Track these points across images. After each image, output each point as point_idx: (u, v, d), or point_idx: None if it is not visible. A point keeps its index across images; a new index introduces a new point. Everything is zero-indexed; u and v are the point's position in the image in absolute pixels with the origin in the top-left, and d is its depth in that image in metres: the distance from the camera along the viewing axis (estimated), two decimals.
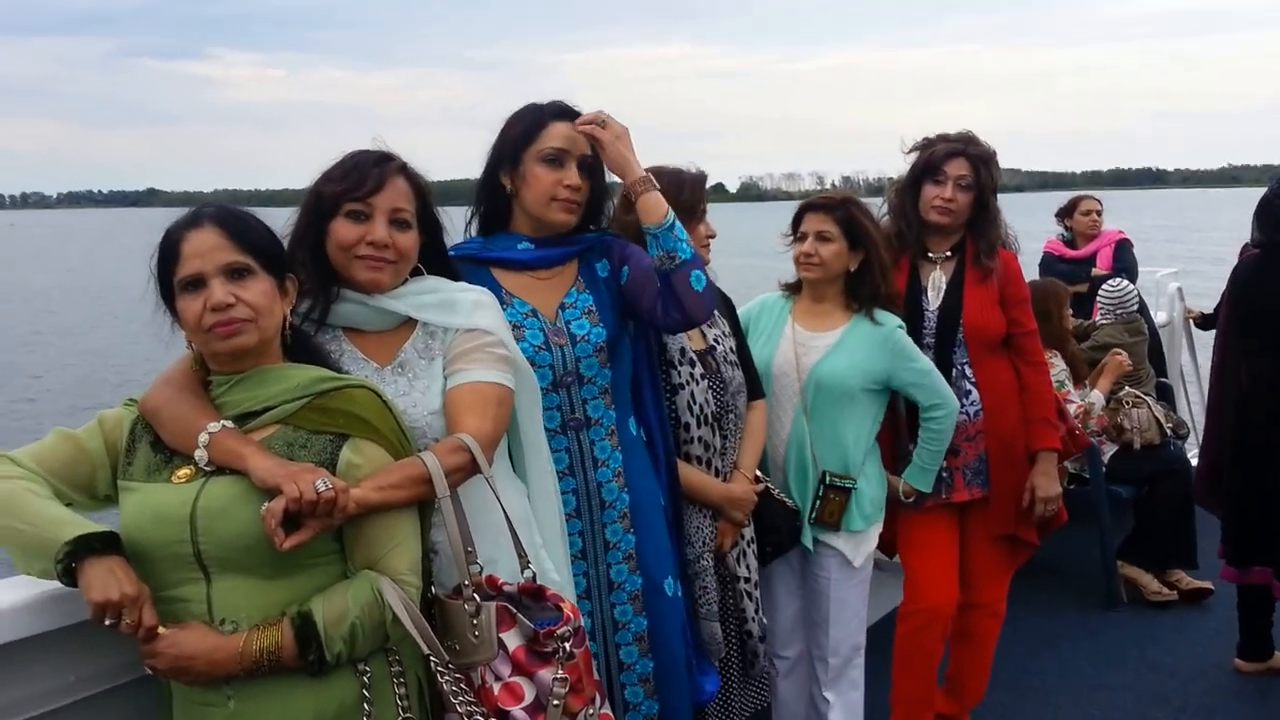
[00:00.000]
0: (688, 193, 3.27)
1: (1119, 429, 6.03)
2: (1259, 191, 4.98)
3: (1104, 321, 6.53)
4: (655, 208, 2.81)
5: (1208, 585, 5.82)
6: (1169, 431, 6.14)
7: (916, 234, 3.97)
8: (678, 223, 2.82)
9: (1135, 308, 6.58)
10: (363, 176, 2.45)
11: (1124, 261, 7.40)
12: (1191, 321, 8.07)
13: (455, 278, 2.64)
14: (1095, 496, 5.80)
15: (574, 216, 2.88)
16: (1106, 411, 5.94)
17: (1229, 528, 4.85)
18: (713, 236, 3.42)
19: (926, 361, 3.73)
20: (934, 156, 3.90)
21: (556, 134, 2.85)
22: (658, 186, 2.85)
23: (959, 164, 3.87)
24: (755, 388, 3.54)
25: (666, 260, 2.80)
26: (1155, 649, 5.28)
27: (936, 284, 3.95)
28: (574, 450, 2.89)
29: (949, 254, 3.97)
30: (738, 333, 3.55)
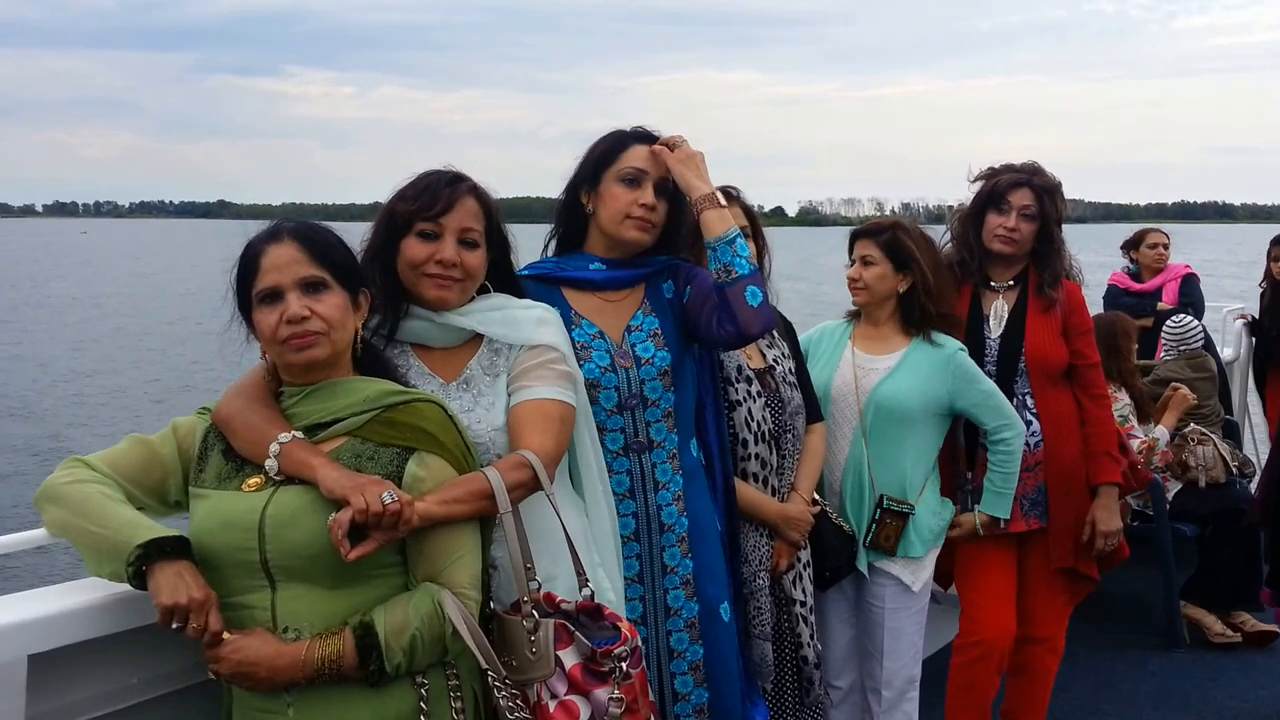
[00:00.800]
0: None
1: (1184, 466, 5.93)
2: None
3: (1167, 357, 6.45)
4: (717, 223, 2.83)
5: (1273, 628, 5.71)
6: (1234, 470, 6.03)
7: (979, 262, 3.95)
8: (740, 239, 2.84)
9: (1199, 343, 6.48)
10: (434, 197, 2.49)
11: (1190, 296, 7.31)
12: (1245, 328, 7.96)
13: (520, 295, 2.67)
14: (1159, 534, 5.70)
15: (648, 235, 2.90)
16: (1171, 448, 5.84)
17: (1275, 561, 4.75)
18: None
19: (990, 383, 3.70)
20: (998, 185, 3.89)
21: (636, 155, 2.89)
22: (723, 204, 2.87)
23: (1023, 194, 3.85)
24: (814, 411, 3.55)
25: (723, 273, 2.82)
26: (1218, 692, 5.17)
27: (999, 313, 3.93)
28: (635, 473, 2.90)
29: (1012, 283, 3.95)
30: (797, 355, 3.56)
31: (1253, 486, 6.42)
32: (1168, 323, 6.58)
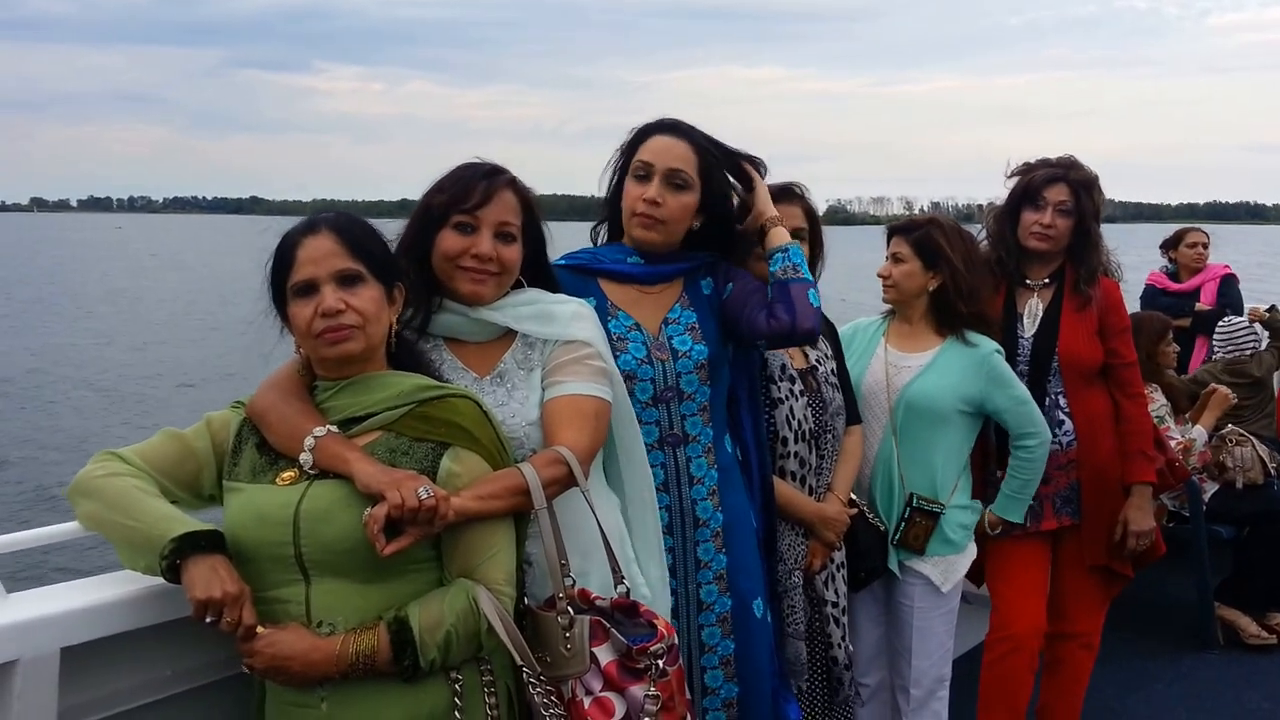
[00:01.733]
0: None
1: (1221, 467, 5.87)
2: None
3: (1216, 357, 6.40)
4: (784, 236, 2.92)
5: None
6: (1273, 471, 5.97)
7: (1015, 260, 3.90)
8: (797, 249, 2.92)
9: (1251, 347, 6.39)
10: (470, 189, 2.47)
11: (1229, 296, 7.23)
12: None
13: (555, 290, 2.66)
14: (1194, 535, 5.64)
15: (654, 234, 2.87)
16: (1209, 448, 5.78)
17: None
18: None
19: (1023, 389, 3.66)
20: (1033, 181, 3.84)
21: (648, 149, 2.88)
22: (782, 223, 2.98)
23: (1059, 189, 3.80)
24: (854, 412, 3.53)
25: (791, 271, 2.85)
26: (1253, 694, 5.12)
27: (1033, 311, 3.88)
28: (670, 467, 2.88)
29: (1047, 281, 3.91)
30: (839, 356, 3.54)
31: None
32: (1220, 324, 6.51)
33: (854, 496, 3.50)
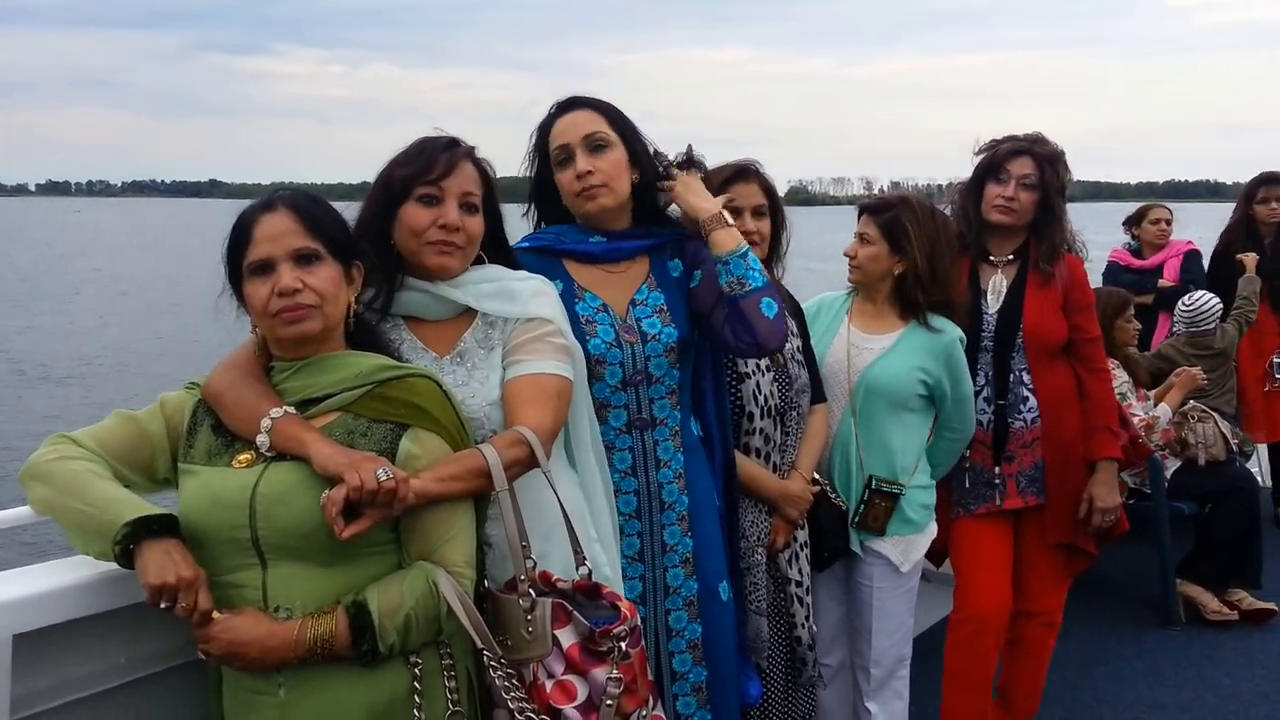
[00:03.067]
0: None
1: (1183, 444, 5.91)
2: None
3: (1178, 330, 6.44)
4: (726, 240, 2.81)
5: (1270, 606, 5.71)
6: (1235, 448, 6.02)
7: (977, 235, 3.88)
8: (751, 254, 2.82)
9: (1212, 324, 6.43)
10: (432, 160, 2.44)
11: (1192, 273, 7.25)
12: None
13: (515, 267, 2.63)
14: (1156, 512, 5.68)
15: (603, 201, 2.83)
16: (1171, 425, 5.82)
17: None
18: (747, 232, 3.23)
19: (969, 387, 3.65)
20: (997, 154, 3.81)
21: (556, 133, 2.85)
22: (729, 223, 2.84)
23: (1023, 162, 3.78)
24: (818, 390, 3.52)
25: (737, 285, 2.78)
26: (1214, 669, 5.17)
27: (997, 287, 3.87)
28: (638, 450, 2.85)
29: (1011, 257, 3.89)
30: (804, 334, 3.52)
31: (1251, 465, 6.45)
32: (1182, 300, 6.54)
33: (817, 475, 3.49)
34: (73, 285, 36.53)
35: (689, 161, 3.01)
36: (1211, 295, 6.48)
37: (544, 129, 2.88)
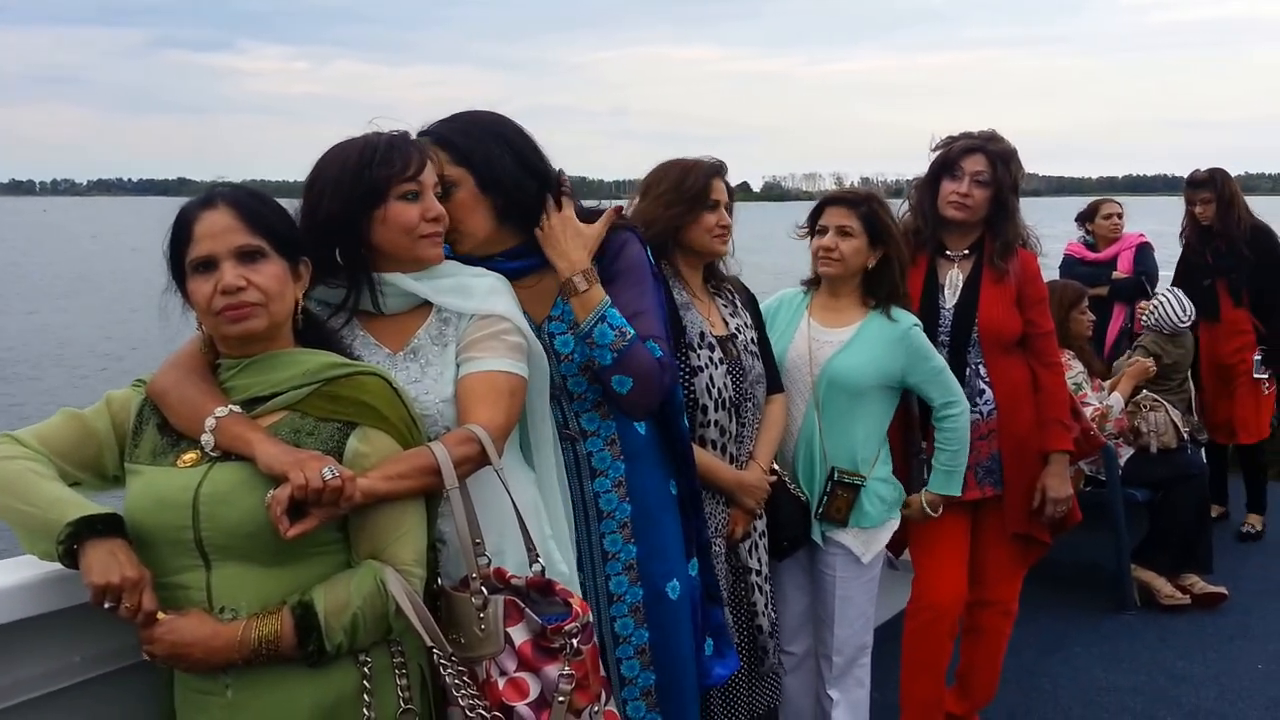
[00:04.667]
0: (689, 184, 3.25)
1: (1136, 432, 5.99)
2: (1276, 200, 4.99)
3: (1152, 328, 6.48)
4: (578, 309, 2.67)
5: (1221, 590, 5.80)
6: (1186, 436, 6.09)
7: (934, 231, 3.93)
8: (599, 327, 2.63)
9: (1182, 329, 6.48)
10: (407, 156, 2.41)
11: (1145, 265, 7.34)
12: None
13: (466, 262, 2.61)
14: (1110, 499, 5.75)
15: (460, 246, 2.64)
16: (1124, 414, 5.89)
17: None
18: (726, 226, 3.33)
19: (940, 359, 3.69)
20: (952, 152, 3.87)
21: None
22: (579, 290, 2.65)
23: (977, 160, 3.83)
24: (775, 381, 3.52)
25: (590, 365, 2.70)
26: (1167, 653, 5.24)
27: (953, 282, 3.92)
28: (569, 460, 2.80)
29: (967, 252, 3.94)
30: (759, 325, 3.53)
31: (1204, 453, 6.53)
32: (1167, 309, 6.58)
33: (776, 466, 3.50)
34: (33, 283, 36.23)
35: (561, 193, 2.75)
36: (1174, 300, 6.53)
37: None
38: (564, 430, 2.79)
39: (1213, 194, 6.75)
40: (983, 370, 3.89)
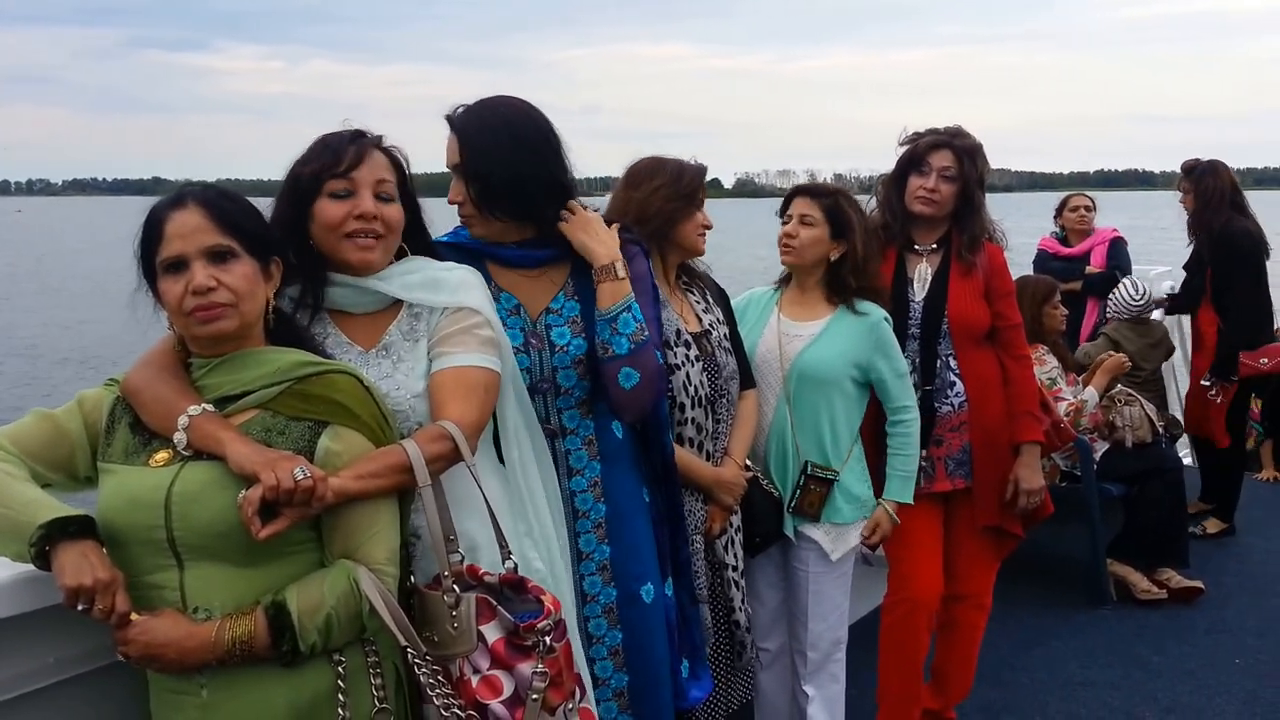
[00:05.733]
0: (686, 181, 3.29)
1: (1111, 426, 6.01)
2: (1248, 194, 5.01)
3: (1111, 317, 6.53)
4: (607, 297, 2.75)
5: (1198, 584, 5.83)
6: (1161, 430, 6.13)
7: (902, 225, 3.97)
8: (624, 315, 2.74)
9: (1135, 312, 6.52)
10: (339, 153, 2.40)
11: (1118, 259, 7.38)
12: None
13: (437, 258, 2.60)
14: (1086, 493, 5.78)
15: (476, 230, 2.78)
16: (1099, 409, 5.92)
17: None
18: (709, 227, 3.40)
19: (904, 363, 3.69)
20: (919, 148, 3.90)
21: (448, 149, 2.76)
22: (620, 276, 2.77)
23: (943, 155, 3.87)
24: (747, 377, 3.53)
25: (601, 349, 2.74)
26: (1143, 647, 5.27)
27: (922, 276, 3.96)
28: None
29: (935, 246, 3.98)
30: (731, 321, 3.54)
31: (1179, 447, 6.57)
32: (1126, 295, 6.63)
33: (749, 462, 3.52)
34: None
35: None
36: (1139, 287, 6.57)
37: None
38: (544, 425, 2.78)
39: (1191, 185, 6.75)
40: (953, 363, 3.92)
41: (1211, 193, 6.63)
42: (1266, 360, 6.67)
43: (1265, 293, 6.72)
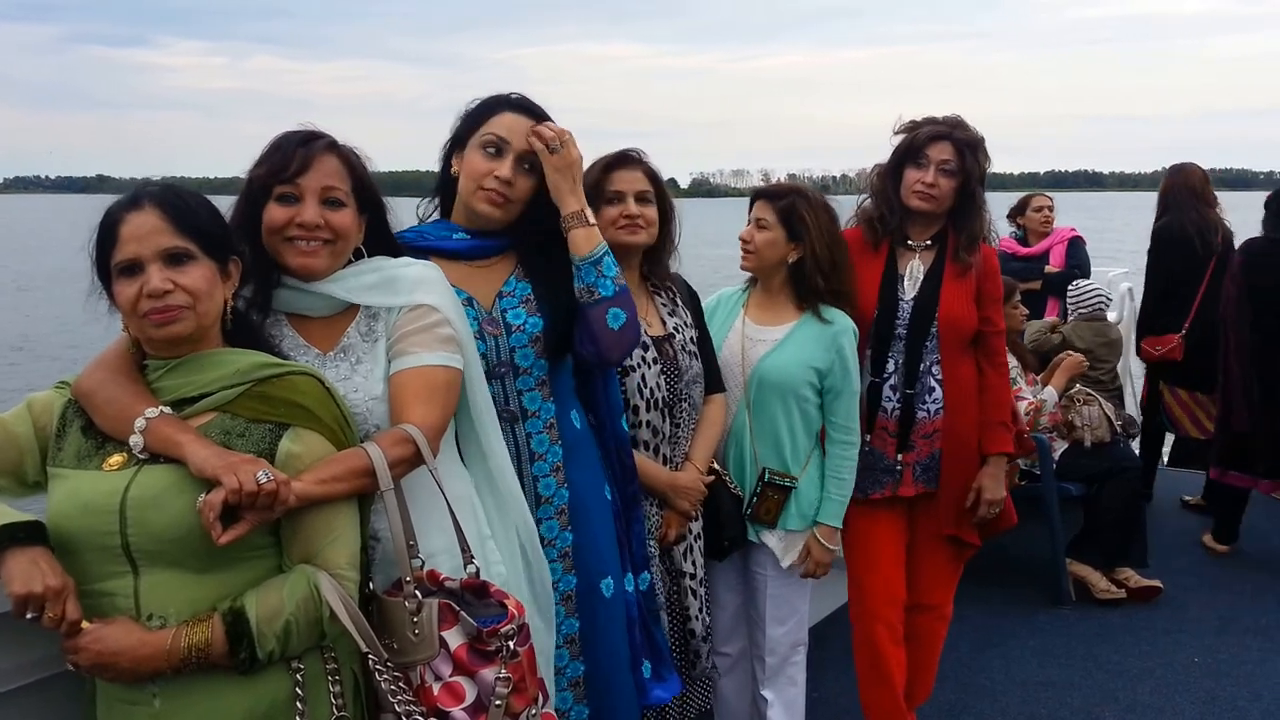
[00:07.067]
0: (587, 177, 3.11)
1: (1069, 426, 6.04)
2: None
3: (1074, 318, 6.57)
4: (584, 242, 2.75)
5: (1156, 584, 5.87)
6: (1119, 429, 6.16)
7: (899, 220, 3.78)
8: (607, 258, 2.77)
9: (1094, 308, 6.57)
10: (287, 158, 2.36)
11: (1076, 259, 7.44)
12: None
13: (398, 255, 2.57)
14: (1045, 493, 5.81)
15: (499, 210, 2.78)
16: (1058, 408, 5.94)
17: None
18: (631, 216, 3.22)
19: (856, 382, 3.60)
20: (917, 138, 3.71)
21: (502, 124, 2.77)
22: (591, 222, 2.78)
23: (943, 148, 3.68)
24: (715, 381, 3.48)
25: (586, 294, 2.74)
26: (1103, 647, 5.30)
27: (914, 273, 3.78)
28: (509, 442, 2.78)
29: (929, 243, 3.80)
30: (700, 324, 3.49)
31: (1135, 445, 6.62)
32: (1069, 287, 6.68)
33: (716, 466, 3.48)
34: None
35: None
36: (1094, 283, 6.63)
37: (488, 110, 2.80)
38: (504, 409, 2.77)
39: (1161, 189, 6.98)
40: (936, 368, 3.76)
41: (1170, 196, 6.86)
42: (1160, 348, 6.88)
43: (1181, 285, 6.82)
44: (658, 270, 3.40)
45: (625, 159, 3.25)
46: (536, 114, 2.80)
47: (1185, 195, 6.81)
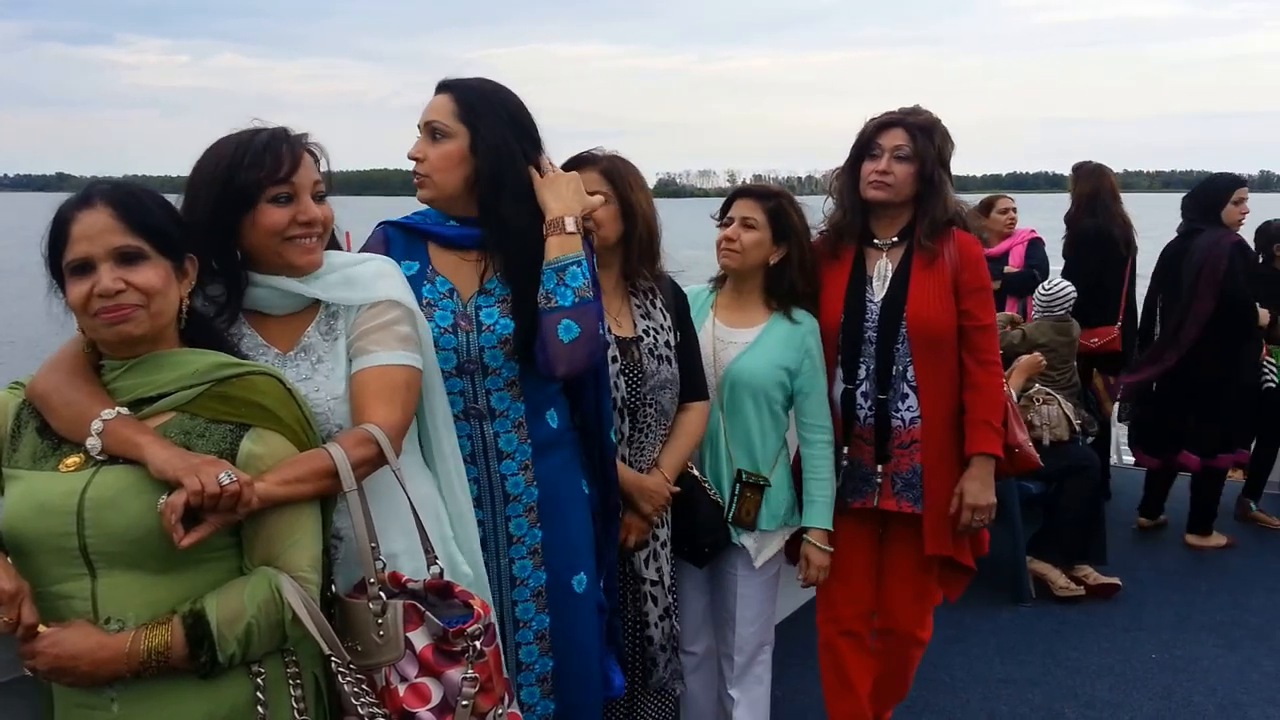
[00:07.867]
0: None
1: (1029, 425, 6.07)
2: (1151, 196, 5.14)
3: (1037, 319, 6.60)
4: (554, 248, 2.73)
5: (1115, 581, 5.93)
6: (1078, 429, 6.20)
7: (861, 218, 3.63)
8: (573, 268, 2.72)
9: (1068, 308, 6.61)
10: (279, 158, 2.33)
11: (1035, 259, 7.49)
12: None
13: (340, 249, 2.56)
14: (1005, 492, 5.81)
15: (425, 191, 2.81)
16: (1018, 408, 5.97)
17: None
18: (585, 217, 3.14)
19: (824, 381, 3.58)
20: (867, 130, 3.60)
21: (425, 109, 2.81)
22: (569, 230, 2.75)
23: (894, 134, 3.53)
24: (692, 388, 3.40)
25: (544, 299, 2.71)
26: (1062, 644, 5.34)
27: (882, 273, 3.61)
28: (476, 439, 2.78)
29: (896, 240, 3.62)
30: (686, 329, 3.41)
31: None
32: (1040, 287, 6.72)
33: (695, 472, 3.44)
34: None
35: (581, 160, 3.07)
36: (1067, 283, 6.67)
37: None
38: (472, 406, 2.76)
39: (1071, 187, 7.29)
40: (910, 373, 3.57)
41: (1080, 194, 7.21)
42: (1097, 340, 7.07)
43: (1104, 280, 7.05)
44: (637, 270, 3.31)
45: (579, 159, 3.24)
46: (449, 86, 2.81)
47: (1109, 198, 7.09)
